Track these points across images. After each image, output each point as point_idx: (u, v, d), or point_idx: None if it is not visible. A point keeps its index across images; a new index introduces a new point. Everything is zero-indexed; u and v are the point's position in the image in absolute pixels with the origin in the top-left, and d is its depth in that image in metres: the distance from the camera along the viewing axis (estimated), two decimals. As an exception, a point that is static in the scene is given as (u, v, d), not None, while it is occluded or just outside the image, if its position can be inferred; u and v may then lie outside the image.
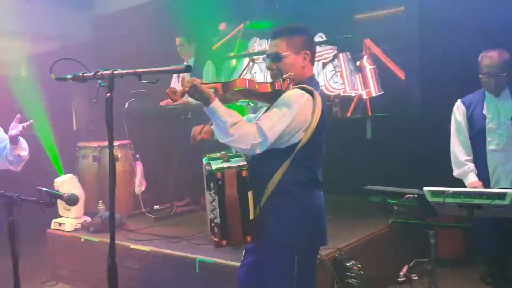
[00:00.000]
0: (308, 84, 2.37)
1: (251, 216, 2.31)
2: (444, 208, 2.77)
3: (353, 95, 5.33)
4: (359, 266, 3.46)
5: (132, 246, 4.00)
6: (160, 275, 3.86)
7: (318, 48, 5.24)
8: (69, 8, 6.36)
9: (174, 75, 5.50)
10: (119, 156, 5.45)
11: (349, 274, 3.43)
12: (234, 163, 2.35)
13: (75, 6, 6.46)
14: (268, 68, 2.49)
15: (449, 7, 4.53)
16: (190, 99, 2.64)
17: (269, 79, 2.52)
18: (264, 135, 2.22)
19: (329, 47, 5.50)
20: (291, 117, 2.25)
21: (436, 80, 4.81)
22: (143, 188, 5.20)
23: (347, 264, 3.45)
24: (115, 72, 1.88)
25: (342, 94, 5.40)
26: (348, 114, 5.30)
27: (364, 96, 5.26)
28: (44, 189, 2.39)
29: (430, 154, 4.53)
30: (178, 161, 5.10)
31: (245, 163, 2.35)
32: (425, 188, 2.78)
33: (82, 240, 4.51)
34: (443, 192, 2.72)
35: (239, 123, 2.24)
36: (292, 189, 2.33)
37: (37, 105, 5.58)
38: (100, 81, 1.88)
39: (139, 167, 5.23)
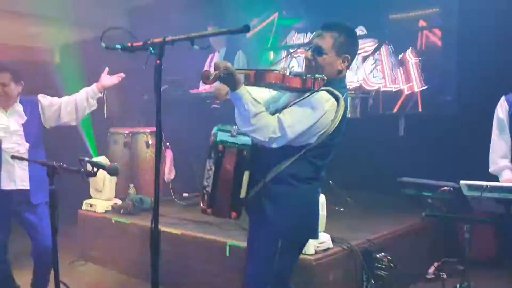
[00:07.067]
0: (337, 86, 2.32)
1: (242, 195, 2.32)
2: (481, 203, 2.71)
3: (393, 90, 5.23)
4: (389, 258, 3.44)
5: (163, 228, 3.97)
6: (191, 258, 3.89)
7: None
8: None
9: (208, 59, 5.55)
10: (150, 142, 5.50)
11: (379, 265, 3.42)
12: (239, 140, 2.36)
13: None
14: (306, 57, 2.41)
15: (488, 7, 4.46)
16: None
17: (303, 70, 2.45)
18: (284, 131, 2.21)
19: (370, 39, 5.37)
20: (314, 120, 2.23)
21: (473, 79, 4.74)
22: (172, 176, 5.24)
23: (377, 255, 3.44)
24: (166, 39, 1.86)
25: (382, 89, 5.28)
26: (394, 110, 5.18)
27: (406, 91, 5.15)
28: (86, 158, 2.45)
29: (465, 152, 4.46)
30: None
31: (249, 143, 2.35)
32: (462, 182, 2.72)
33: (113, 221, 4.57)
34: (481, 186, 2.66)
35: (261, 113, 2.23)
36: (291, 182, 2.33)
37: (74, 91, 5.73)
38: (151, 48, 1.87)
39: (169, 155, 5.27)
